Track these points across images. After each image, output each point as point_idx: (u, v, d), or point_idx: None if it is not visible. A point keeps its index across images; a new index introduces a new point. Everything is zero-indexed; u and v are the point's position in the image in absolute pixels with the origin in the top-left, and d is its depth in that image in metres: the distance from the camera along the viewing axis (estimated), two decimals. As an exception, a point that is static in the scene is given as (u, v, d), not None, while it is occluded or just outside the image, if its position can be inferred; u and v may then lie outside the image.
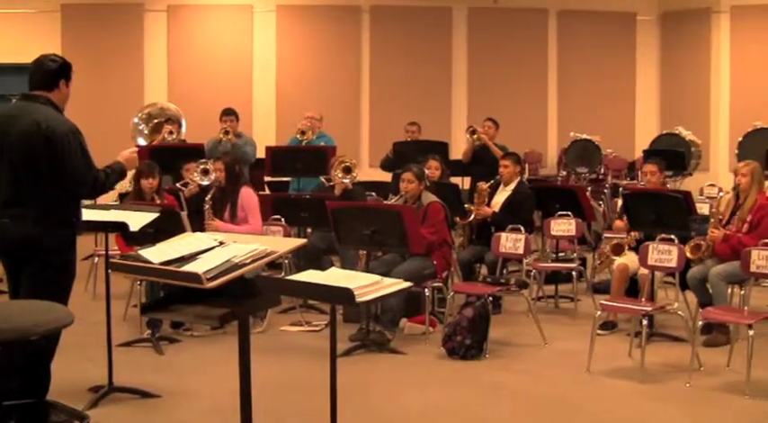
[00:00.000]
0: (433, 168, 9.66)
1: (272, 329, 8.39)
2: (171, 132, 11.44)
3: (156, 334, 7.82)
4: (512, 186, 9.55)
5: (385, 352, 7.58)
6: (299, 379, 6.89)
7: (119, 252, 8.06)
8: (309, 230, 9.71)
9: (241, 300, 4.29)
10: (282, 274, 8.38)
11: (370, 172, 13.09)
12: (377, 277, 4.24)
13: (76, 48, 14.51)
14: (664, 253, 7.37)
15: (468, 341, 7.37)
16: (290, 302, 8.79)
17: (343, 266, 8.54)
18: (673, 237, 7.42)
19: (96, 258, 9.77)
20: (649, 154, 11.78)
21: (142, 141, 12.13)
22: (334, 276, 4.28)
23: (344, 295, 3.97)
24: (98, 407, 6.08)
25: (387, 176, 11.60)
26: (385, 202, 9.44)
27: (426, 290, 8.01)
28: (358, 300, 3.99)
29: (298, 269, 8.75)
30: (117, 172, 5.82)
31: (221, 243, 4.45)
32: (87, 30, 15.43)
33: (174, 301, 4.56)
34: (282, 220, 9.27)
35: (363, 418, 5.95)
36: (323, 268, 4.94)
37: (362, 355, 7.51)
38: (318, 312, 8.98)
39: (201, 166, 9.05)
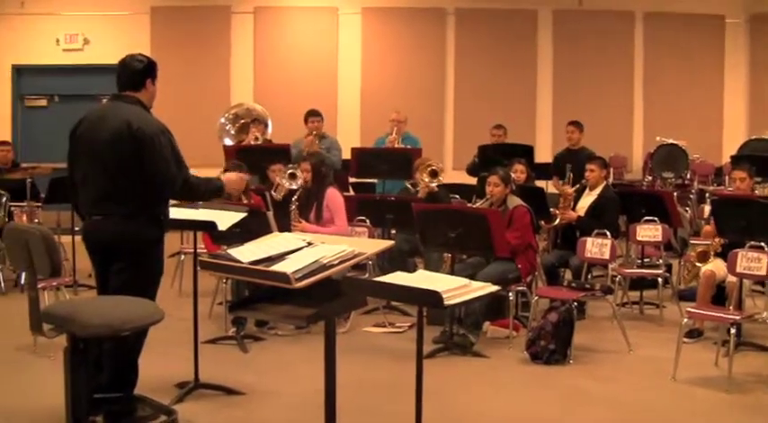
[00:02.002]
0: (518, 172, 9.64)
1: (355, 330, 8.43)
2: (257, 138, 11.55)
3: (240, 332, 7.91)
4: (597, 191, 9.47)
5: (468, 355, 7.57)
6: (382, 380, 6.91)
7: (206, 250, 8.15)
8: (393, 232, 9.71)
9: (327, 300, 4.30)
10: (367, 275, 8.40)
11: (454, 174, 13.06)
12: (465, 280, 4.22)
13: (165, 49, 14.72)
14: (753, 261, 7.24)
15: (552, 346, 7.33)
16: (374, 304, 8.80)
17: (427, 269, 8.52)
18: (762, 244, 7.29)
19: (183, 256, 9.89)
20: (738, 159, 11.57)
21: (229, 141, 12.25)
22: (422, 279, 4.27)
23: (433, 298, 3.96)
24: (184, 402, 6.16)
25: (470, 178, 11.58)
26: (469, 204, 9.43)
27: (510, 293, 7.98)
28: (446, 303, 3.97)
29: (381, 271, 8.79)
30: (212, 187, 5.88)
31: (309, 244, 4.47)
32: (176, 31, 15.66)
33: (260, 301, 4.60)
34: (367, 221, 9.30)
35: (446, 420, 5.95)
36: (407, 270, 4.94)
37: (446, 357, 7.51)
38: (401, 314, 9.00)
39: (289, 171, 9.09)
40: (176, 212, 5.97)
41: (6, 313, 9.09)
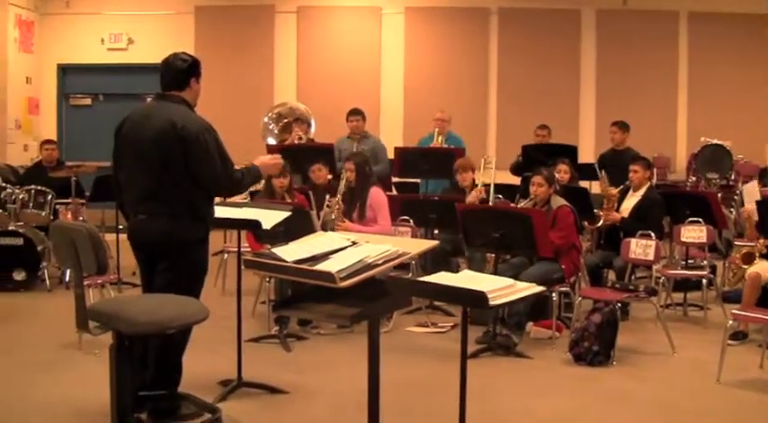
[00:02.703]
0: (562, 172, 9.61)
1: (397, 330, 8.43)
2: (300, 138, 11.58)
3: (283, 331, 7.93)
4: (641, 191, 9.41)
5: (511, 355, 7.55)
6: (425, 379, 6.91)
7: (249, 249, 8.18)
8: (436, 232, 9.70)
9: (371, 300, 4.30)
10: (410, 274, 8.40)
11: (496, 174, 12.99)
12: (510, 281, 4.20)
13: (209, 48, 14.80)
14: (799, 262, 7.19)
15: (596, 347, 7.29)
16: (416, 303, 8.80)
17: (470, 269, 8.51)
18: (809, 245, 7.23)
19: (226, 255, 9.94)
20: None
21: (272, 141, 12.29)
22: (467, 279, 4.26)
23: (478, 298, 3.95)
24: (227, 400, 6.19)
25: (513, 178, 11.55)
26: (512, 204, 9.40)
27: (554, 294, 7.95)
28: (491, 303, 3.96)
29: (423, 271, 8.79)
30: (252, 174, 5.89)
31: (354, 243, 4.46)
32: (219, 31, 15.73)
33: (304, 300, 4.60)
34: (410, 221, 9.29)
35: (489, 420, 5.93)
36: (450, 270, 4.93)
37: (489, 357, 7.49)
38: (444, 314, 8.99)
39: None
40: (221, 211, 6.00)
41: (52, 310, 9.17)
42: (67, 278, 10.19)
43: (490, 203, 9.39)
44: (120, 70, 15.91)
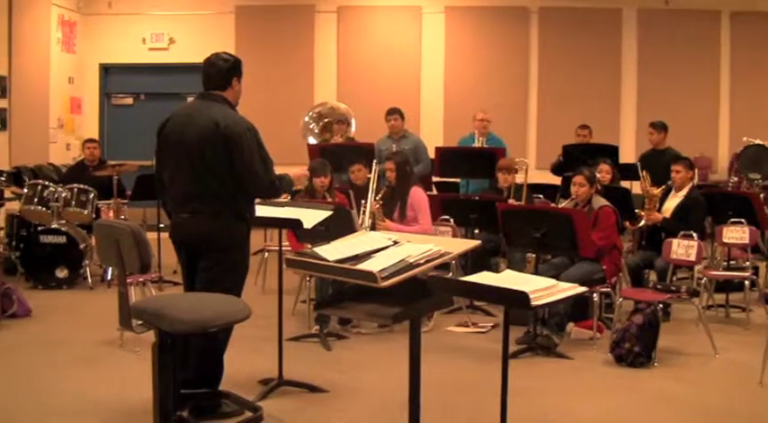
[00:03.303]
0: (603, 172, 9.56)
1: (438, 329, 8.42)
2: (340, 137, 11.61)
3: (324, 330, 7.94)
4: (683, 192, 9.35)
5: (552, 356, 7.51)
6: (466, 379, 6.89)
7: (290, 248, 8.21)
8: (477, 231, 9.68)
9: (412, 299, 4.30)
10: (450, 274, 8.38)
11: (537, 174, 12.97)
12: (552, 281, 4.19)
13: (249, 48, 14.86)
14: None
15: (637, 348, 7.24)
16: (457, 303, 8.78)
17: (510, 269, 8.48)
18: None
19: (266, 253, 9.97)
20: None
21: (312, 140, 12.33)
22: (509, 279, 4.25)
23: (520, 298, 3.93)
24: (268, 399, 6.21)
25: (553, 178, 11.53)
26: (552, 204, 9.37)
27: (594, 295, 7.91)
28: (533, 303, 3.94)
29: (463, 270, 8.78)
30: (285, 181, 5.94)
31: (396, 242, 4.47)
32: (260, 30, 15.79)
33: (345, 299, 4.61)
34: (451, 220, 9.28)
35: (529, 421, 5.90)
36: (489, 270, 4.91)
37: (529, 358, 7.47)
38: (484, 314, 8.98)
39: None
40: (262, 210, 6.02)
41: (94, 308, 9.25)
42: (109, 276, 10.30)
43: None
44: (162, 70, 16.03)
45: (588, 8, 15.47)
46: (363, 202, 8.79)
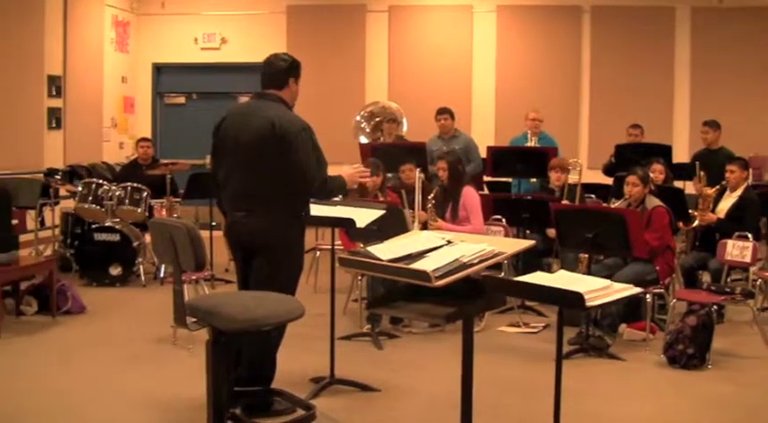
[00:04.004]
0: (657, 172, 9.49)
1: (489, 329, 8.40)
2: (391, 136, 11.62)
3: (375, 329, 7.95)
4: (738, 192, 9.25)
5: (604, 357, 7.47)
6: (517, 380, 6.86)
7: (342, 247, 8.22)
8: (527, 232, 9.65)
9: (465, 299, 4.29)
10: (502, 274, 8.36)
11: (589, 174, 12.90)
12: (606, 282, 4.16)
13: (301, 47, 14.86)
14: None
15: (691, 350, 7.17)
16: (509, 303, 8.76)
17: (563, 269, 8.46)
18: None
19: (318, 252, 9.99)
20: None
21: (364, 139, 12.35)
22: (563, 279, 4.23)
23: (574, 299, 3.91)
24: (319, 397, 6.22)
25: (605, 178, 11.46)
26: (605, 204, 9.32)
27: (648, 296, 7.85)
28: (588, 304, 3.92)
29: (515, 270, 8.76)
30: (338, 182, 5.92)
31: (449, 242, 4.46)
32: (311, 30, 15.81)
33: (397, 298, 4.61)
34: (503, 220, 9.26)
35: (582, 422, 5.88)
36: (541, 270, 4.89)
37: (581, 359, 7.42)
38: (536, 314, 8.94)
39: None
40: (315, 209, 6.02)
41: (146, 305, 9.33)
42: (162, 274, 10.38)
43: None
44: (214, 69, 16.11)
45: (641, 6, 15.34)
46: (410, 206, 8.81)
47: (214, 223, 10.40)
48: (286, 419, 5.72)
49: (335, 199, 6.36)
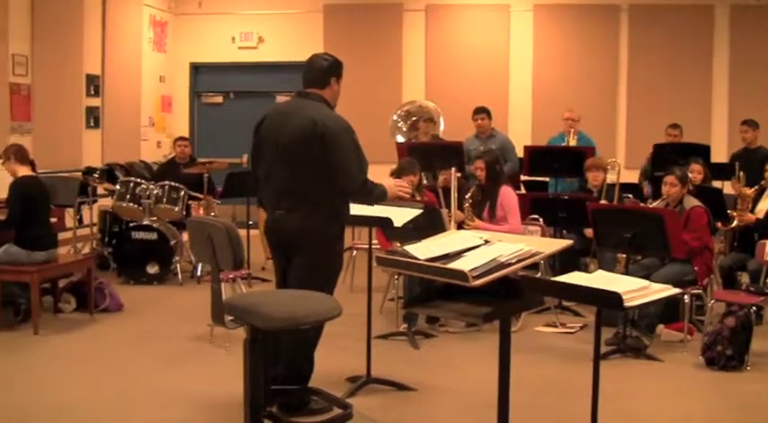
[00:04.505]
0: (695, 172, 9.42)
1: (526, 329, 8.39)
2: (427, 135, 11.62)
3: (412, 328, 7.95)
4: (777, 192, 9.19)
5: (641, 358, 7.43)
6: (553, 380, 6.84)
7: (379, 246, 8.23)
8: (564, 231, 9.62)
9: (502, 299, 4.28)
10: (539, 274, 8.34)
11: (626, 174, 12.84)
12: (645, 282, 4.13)
13: (338, 46, 14.80)
14: None
15: (729, 352, 7.12)
16: (546, 303, 8.73)
17: (600, 269, 8.42)
18: None
19: (354, 251, 10.00)
20: None
21: (401, 138, 12.35)
22: (601, 279, 4.21)
23: (612, 299, 3.90)
24: (356, 396, 6.24)
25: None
26: (642, 204, 9.27)
27: (686, 296, 7.80)
28: (626, 304, 3.90)
29: (552, 270, 8.73)
30: (378, 191, 5.86)
31: (487, 241, 4.45)
32: (348, 29, 15.80)
33: (434, 297, 4.60)
34: (540, 220, 9.24)
35: (620, 423, 5.87)
36: (578, 270, 4.87)
37: (619, 359, 7.39)
38: (573, 314, 8.91)
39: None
40: (353, 208, 6.03)
41: (184, 303, 9.38)
42: (199, 272, 10.43)
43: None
44: (251, 68, 16.14)
45: (679, 5, 15.23)
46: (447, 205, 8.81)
47: (251, 222, 10.45)
48: (323, 418, 5.74)
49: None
